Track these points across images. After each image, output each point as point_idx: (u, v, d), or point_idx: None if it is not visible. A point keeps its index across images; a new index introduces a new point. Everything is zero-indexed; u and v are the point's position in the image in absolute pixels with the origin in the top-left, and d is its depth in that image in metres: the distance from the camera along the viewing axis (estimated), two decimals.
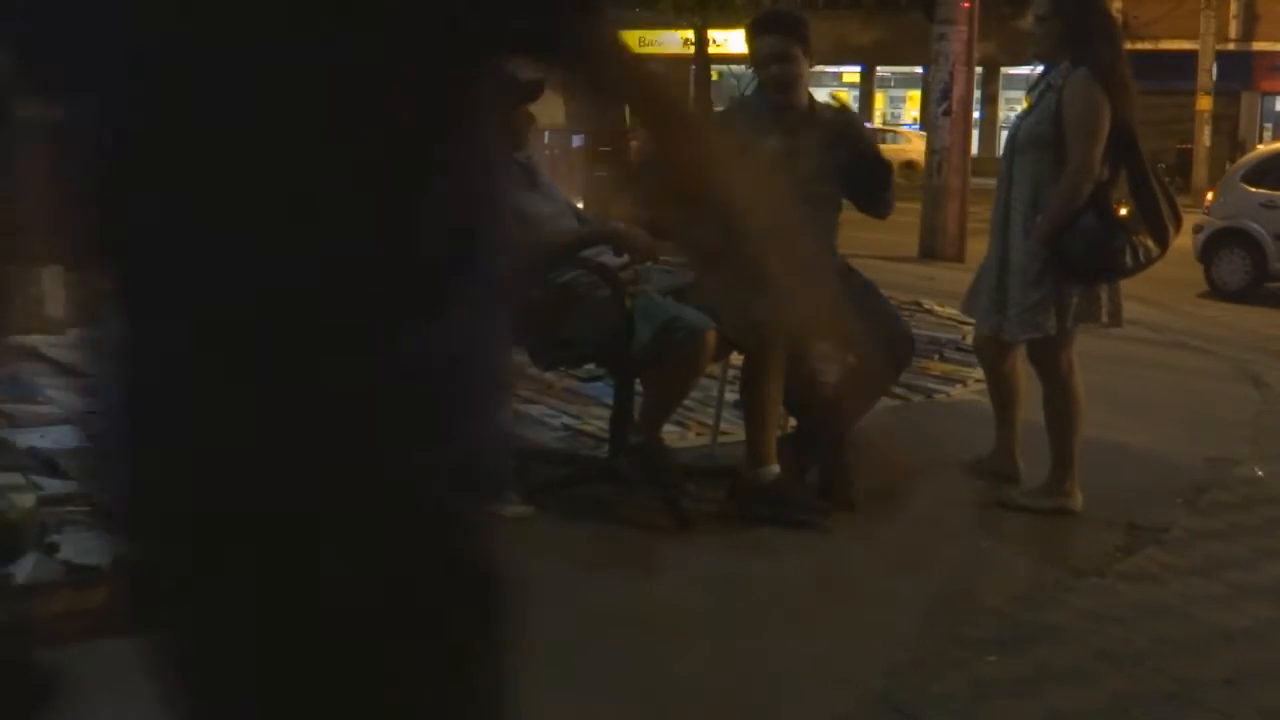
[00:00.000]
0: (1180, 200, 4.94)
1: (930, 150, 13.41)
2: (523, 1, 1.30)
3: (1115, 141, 4.65)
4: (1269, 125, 32.17)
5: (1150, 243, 4.69)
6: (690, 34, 33.76)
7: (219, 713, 1.33)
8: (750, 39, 4.89)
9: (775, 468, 4.52)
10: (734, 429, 5.55)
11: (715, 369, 5.22)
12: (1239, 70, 30.66)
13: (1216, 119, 28.94)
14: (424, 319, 1.27)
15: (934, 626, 3.82)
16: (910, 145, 29.57)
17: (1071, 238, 4.60)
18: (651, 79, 1.38)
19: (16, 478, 4.35)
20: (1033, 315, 4.73)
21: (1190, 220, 5.68)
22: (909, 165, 25.64)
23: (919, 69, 30.77)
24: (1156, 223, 4.70)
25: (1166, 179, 4.95)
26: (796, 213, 1.38)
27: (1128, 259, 4.63)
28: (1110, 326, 4.90)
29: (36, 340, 6.44)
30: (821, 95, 5.15)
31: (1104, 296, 4.83)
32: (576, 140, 9.00)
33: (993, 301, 4.86)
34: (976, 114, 21.85)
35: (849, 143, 5.02)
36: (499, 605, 1.44)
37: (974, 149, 14.58)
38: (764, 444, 4.53)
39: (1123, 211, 4.65)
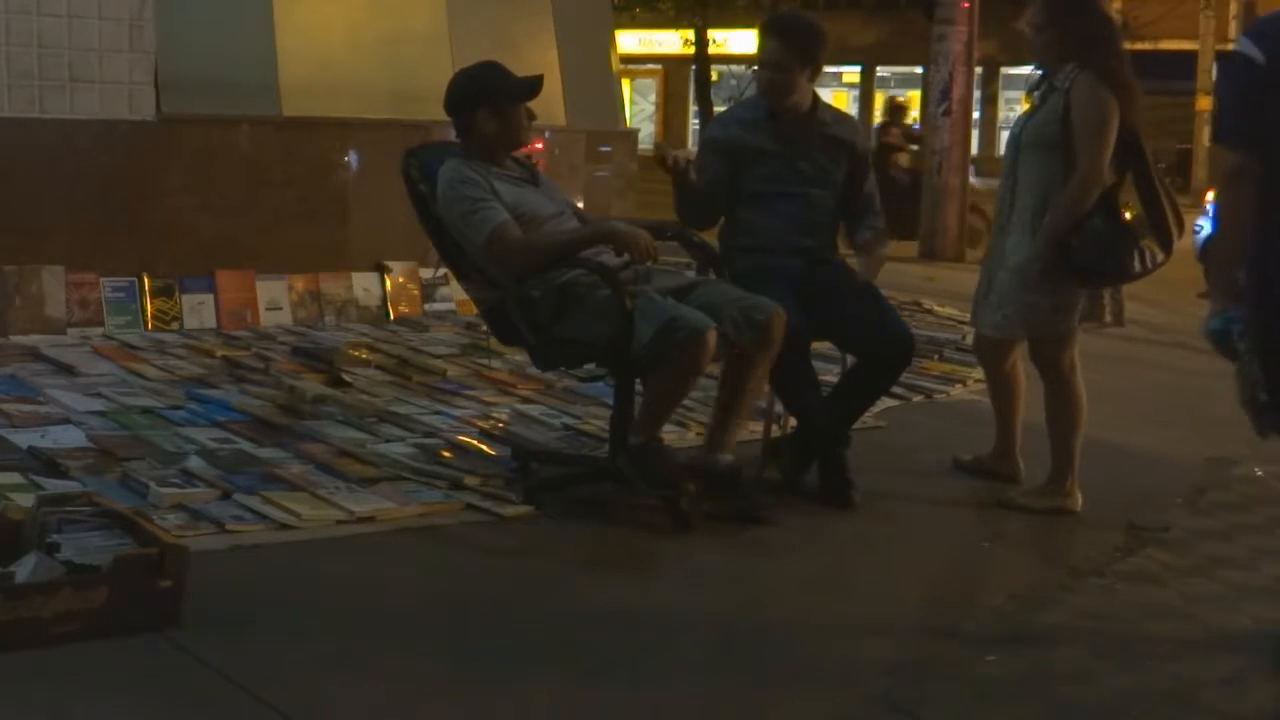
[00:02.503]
0: (1180, 200, 4.94)
1: (930, 150, 13.39)
2: None
3: (1121, 144, 4.65)
4: None
5: (1155, 247, 4.69)
6: (690, 34, 33.73)
7: None
8: (759, 37, 5.02)
9: (730, 457, 4.55)
10: None
11: (715, 369, 5.22)
12: None
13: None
14: None
15: (934, 626, 3.82)
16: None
17: (1080, 241, 4.59)
18: None
19: (16, 478, 4.36)
20: (1036, 315, 4.73)
21: (1190, 220, 5.68)
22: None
23: (919, 69, 30.73)
24: (1161, 227, 4.70)
25: (1167, 179, 4.95)
26: None
27: (1135, 263, 4.63)
28: (1113, 326, 4.90)
29: (36, 340, 6.46)
30: (823, 96, 5.15)
31: (1107, 296, 4.84)
32: None
33: (994, 302, 4.86)
34: (976, 114, 21.83)
35: (850, 152, 5.04)
36: None
37: (974, 149, 14.56)
38: (727, 433, 4.58)
39: (1128, 216, 4.65)
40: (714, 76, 33.93)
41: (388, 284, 7.71)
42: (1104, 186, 4.63)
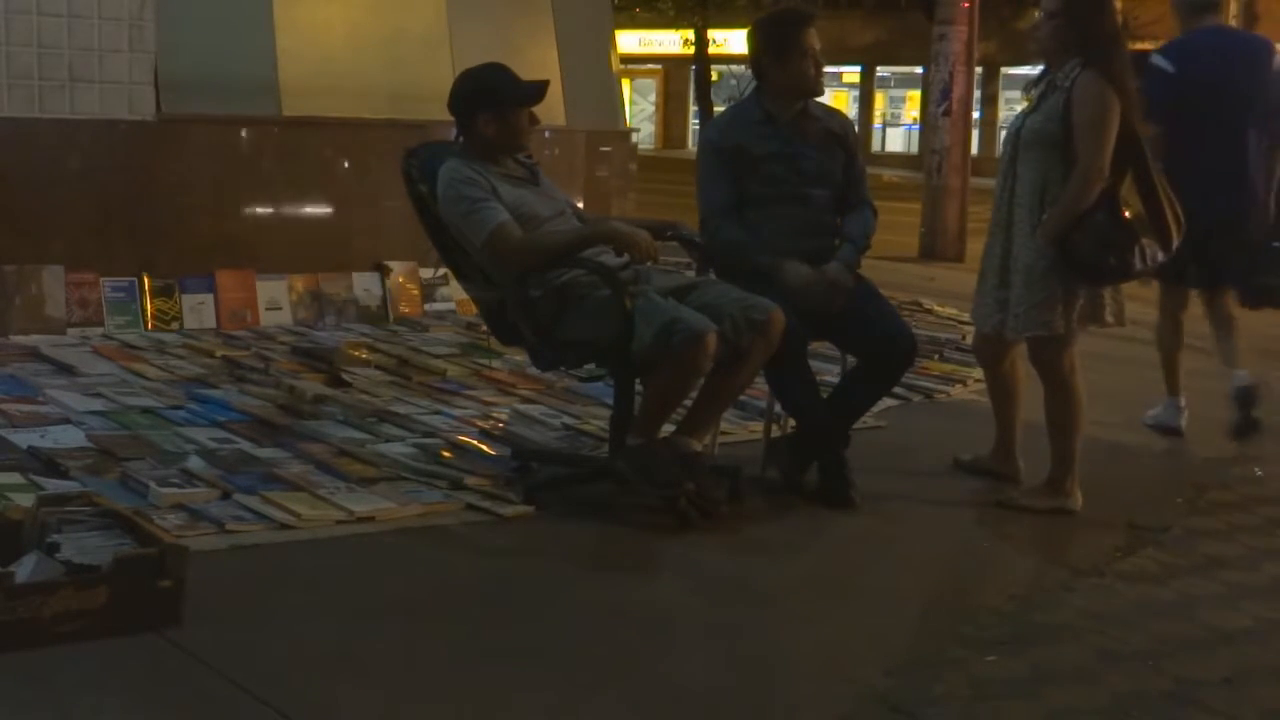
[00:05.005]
0: None
1: (930, 150, 13.40)
2: None
3: (1121, 143, 4.65)
4: None
5: (1156, 246, 4.69)
6: (690, 34, 33.75)
7: None
8: (797, 32, 4.88)
9: (698, 446, 4.53)
10: (734, 429, 5.56)
11: None
12: None
13: None
14: None
15: (934, 626, 3.82)
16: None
17: (1082, 237, 4.59)
18: None
19: (16, 478, 4.36)
20: (1039, 314, 4.72)
21: None
22: None
23: (919, 69, 30.75)
24: (1161, 226, 4.71)
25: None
26: None
27: (1136, 261, 4.63)
28: (1114, 325, 4.91)
29: (36, 340, 6.46)
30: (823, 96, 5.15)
31: (1107, 296, 4.84)
32: None
33: (996, 300, 4.85)
34: (976, 114, 21.85)
35: (844, 145, 5.04)
36: None
37: (974, 149, 14.57)
38: (702, 420, 4.61)
39: (1126, 214, 4.64)
40: (714, 76, 33.96)
41: (388, 284, 7.71)
42: (1105, 184, 4.63)
